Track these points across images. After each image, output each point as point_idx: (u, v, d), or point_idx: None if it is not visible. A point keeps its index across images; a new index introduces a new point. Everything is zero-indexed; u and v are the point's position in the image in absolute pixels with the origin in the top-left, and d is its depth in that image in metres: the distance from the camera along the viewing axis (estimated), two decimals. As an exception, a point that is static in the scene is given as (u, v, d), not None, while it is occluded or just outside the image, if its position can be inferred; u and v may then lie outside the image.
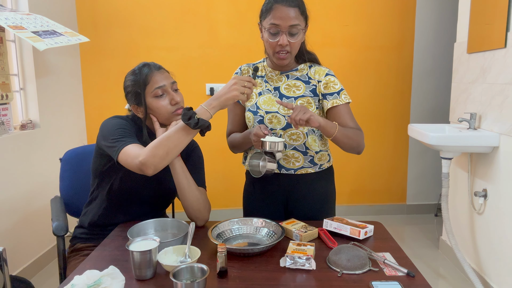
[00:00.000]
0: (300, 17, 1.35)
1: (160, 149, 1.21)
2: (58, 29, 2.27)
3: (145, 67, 1.38)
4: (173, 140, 1.22)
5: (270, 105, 1.46)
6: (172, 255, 1.12)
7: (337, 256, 1.11)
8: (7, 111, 2.39)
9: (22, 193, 2.44)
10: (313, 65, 1.51)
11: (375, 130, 3.48)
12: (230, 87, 1.23)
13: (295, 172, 1.49)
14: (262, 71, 1.53)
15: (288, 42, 1.35)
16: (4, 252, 1.08)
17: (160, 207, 1.54)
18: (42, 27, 2.15)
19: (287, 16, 1.32)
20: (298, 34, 1.36)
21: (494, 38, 2.14)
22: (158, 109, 1.37)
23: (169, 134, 1.23)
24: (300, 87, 1.46)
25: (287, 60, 1.41)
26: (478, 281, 2.18)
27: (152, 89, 1.35)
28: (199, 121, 1.19)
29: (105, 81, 3.23)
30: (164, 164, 1.23)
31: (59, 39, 2.15)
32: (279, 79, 1.49)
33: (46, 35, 2.09)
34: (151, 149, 1.21)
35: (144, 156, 1.20)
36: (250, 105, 1.50)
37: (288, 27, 1.33)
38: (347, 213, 3.54)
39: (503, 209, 2.09)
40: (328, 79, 1.46)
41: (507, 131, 2.05)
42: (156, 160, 1.20)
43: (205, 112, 1.22)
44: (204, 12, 3.21)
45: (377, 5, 3.29)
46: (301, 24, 1.35)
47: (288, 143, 1.46)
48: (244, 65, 1.57)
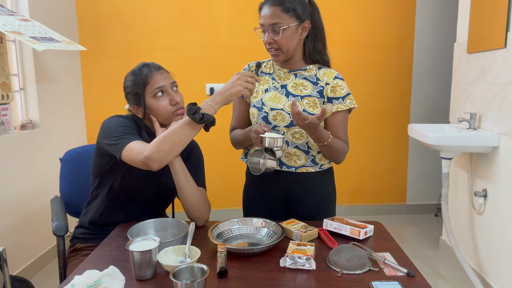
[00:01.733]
0: (282, 14, 1.35)
1: (165, 143, 1.21)
2: (56, 37, 2.27)
3: (144, 67, 1.38)
4: (178, 135, 1.22)
5: (276, 102, 1.46)
6: (172, 255, 1.12)
7: (337, 256, 1.11)
8: (7, 111, 2.39)
9: (22, 193, 2.44)
10: (323, 67, 1.52)
11: (375, 130, 3.48)
12: (234, 82, 1.25)
13: (295, 170, 1.49)
14: (270, 68, 1.54)
15: (272, 40, 1.38)
16: (4, 252, 1.08)
17: (160, 207, 1.55)
18: (40, 33, 2.16)
19: (267, 15, 1.37)
20: (282, 32, 1.37)
21: (494, 38, 2.14)
22: (158, 109, 1.36)
23: (174, 129, 1.23)
24: (307, 87, 1.47)
25: (279, 57, 1.43)
26: (478, 281, 2.18)
27: (152, 89, 1.35)
28: (204, 116, 1.20)
29: (105, 81, 3.23)
30: (169, 159, 1.23)
31: (57, 45, 2.16)
32: (286, 77, 1.50)
33: (44, 41, 2.10)
34: (156, 144, 1.21)
35: (149, 151, 1.20)
36: (256, 101, 1.50)
37: (269, 25, 1.37)
38: (347, 213, 3.54)
39: (503, 209, 2.09)
40: (336, 83, 1.46)
41: (507, 131, 2.05)
42: (161, 154, 1.20)
43: (209, 107, 1.23)
44: (204, 12, 3.21)
45: (377, 5, 3.30)
46: (283, 22, 1.35)
47: (291, 141, 1.46)
48: (253, 62, 1.57)
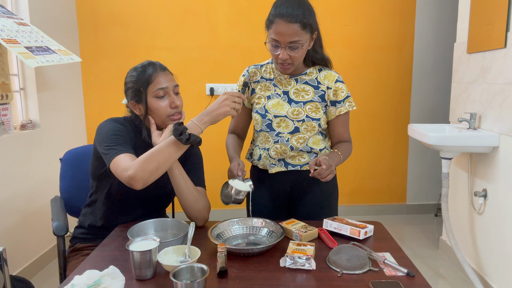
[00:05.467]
0: (301, 32, 1.31)
1: (151, 163, 1.20)
2: (51, 46, 2.28)
3: (150, 66, 1.37)
4: (164, 154, 1.22)
5: (279, 109, 1.47)
6: (172, 255, 1.12)
7: (337, 256, 1.11)
8: (7, 111, 2.39)
9: (22, 193, 2.43)
10: (323, 69, 1.52)
11: (375, 130, 3.48)
12: (221, 103, 1.25)
13: (301, 168, 1.51)
14: (270, 74, 1.53)
15: (288, 56, 1.35)
16: (4, 252, 1.08)
17: (160, 207, 1.54)
18: (36, 42, 2.16)
19: (286, 33, 1.30)
20: (299, 48, 1.35)
21: (494, 38, 2.14)
22: (157, 110, 1.36)
23: (159, 148, 1.22)
24: (308, 92, 1.47)
25: (289, 70, 1.42)
26: (478, 281, 2.18)
27: (155, 89, 1.35)
28: (191, 137, 1.20)
29: (105, 81, 3.23)
30: (154, 178, 1.22)
31: (51, 57, 2.16)
32: (288, 83, 1.49)
33: (39, 52, 2.11)
34: (141, 163, 1.20)
35: (134, 170, 1.19)
36: (259, 107, 1.50)
37: (287, 43, 1.32)
38: (347, 213, 3.54)
39: (503, 209, 2.09)
40: (337, 86, 1.48)
41: (507, 131, 2.05)
42: (145, 174, 1.20)
43: (196, 127, 1.23)
44: (204, 12, 3.21)
45: (377, 5, 3.29)
46: (302, 39, 1.33)
47: (295, 146, 1.47)
48: (252, 67, 1.56)
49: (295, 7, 1.30)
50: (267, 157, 1.51)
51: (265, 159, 1.52)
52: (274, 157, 1.50)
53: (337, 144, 1.55)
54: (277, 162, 1.51)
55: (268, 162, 1.52)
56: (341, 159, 1.46)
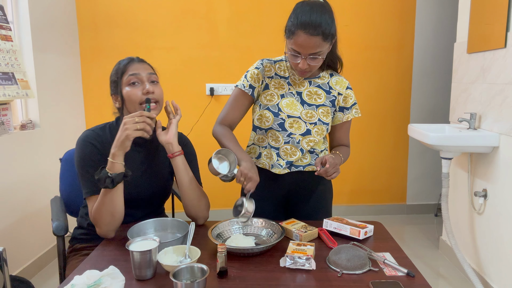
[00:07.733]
0: (322, 43, 1.29)
1: (103, 217, 1.27)
2: (17, 74, 2.31)
3: (127, 59, 1.39)
4: (107, 203, 1.26)
5: (293, 109, 1.46)
6: (172, 255, 1.12)
7: (337, 256, 1.11)
8: (7, 111, 2.38)
9: (22, 193, 2.43)
10: (334, 74, 1.53)
11: (375, 130, 3.48)
12: (121, 130, 1.24)
13: (304, 168, 1.51)
14: (285, 71, 1.51)
15: (308, 65, 1.34)
16: (4, 252, 1.08)
17: (158, 205, 1.53)
18: (6, 66, 2.21)
19: (308, 45, 1.28)
20: (320, 58, 1.34)
21: (494, 38, 2.14)
22: (129, 97, 1.33)
23: (101, 201, 1.27)
24: (321, 96, 1.48)
25: (307, 75, 1.43)
26: (478, 281, 2.18)
27: (127, 76, 1.34)
28: (115, 178, 1.22)
29: (105, 81, 3.19)
30: (117, 224, 1.30)
31: (7, 91, 2.20)
32: (301, 84, 1.49)
33: (1, 80, 2.17)
34: (96, 222, 1.29)
35: (98, 229, 1.30)
36: (271, 104, 1.46)
37: (308, 54, 1.31)
38: (347, 213, 3.54)
39: (503, 209, 2.08)
40: (347, 93, 1.51)
41: (507, 131, 2.05)
42: (107, 228, 1.29)
43: (113, 164, 1.24)
44: (204, 12, 3.21)
45: (377, 5, 3.29)
46: (323, 50, 1.32)
47: (305, 149, 1.47)
48: (266, 60, 1.51)
49: (318, 14, 1.27)
50: (270, 157, 1.49)
51: (267, 159, 1.50)
52: (284, 158, 1.48)
53: (337, 147, 1.57)
54: (284, 164, 1.48)
55: (275, 162, 1.48)
56: (342, 161, 1.48)
